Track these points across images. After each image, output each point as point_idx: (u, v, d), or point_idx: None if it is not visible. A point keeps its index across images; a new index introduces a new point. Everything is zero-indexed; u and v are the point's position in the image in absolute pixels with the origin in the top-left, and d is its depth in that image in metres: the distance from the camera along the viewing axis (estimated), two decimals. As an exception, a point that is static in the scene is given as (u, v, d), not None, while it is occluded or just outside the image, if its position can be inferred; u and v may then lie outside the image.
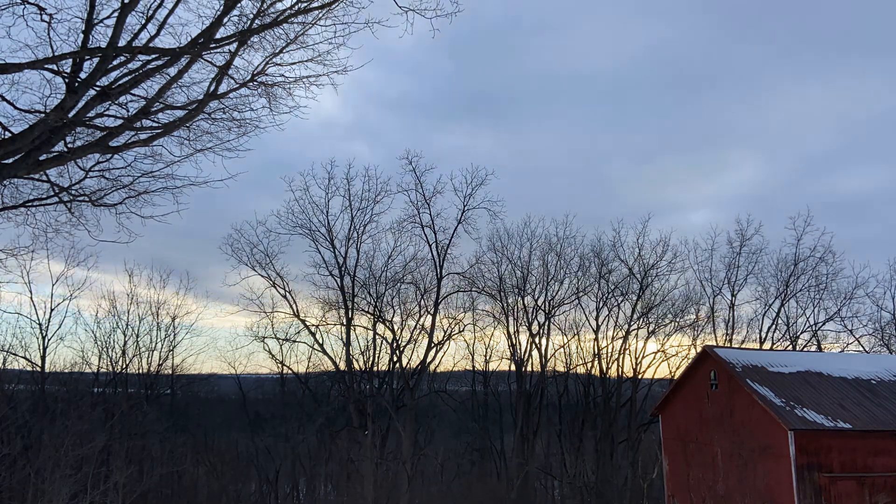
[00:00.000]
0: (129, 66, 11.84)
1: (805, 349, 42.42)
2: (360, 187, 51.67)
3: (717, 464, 27.59)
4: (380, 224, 44.93)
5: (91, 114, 11.90)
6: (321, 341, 43.48)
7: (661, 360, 46.22)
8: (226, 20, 11.80)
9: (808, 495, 23.44)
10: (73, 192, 13.30)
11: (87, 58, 11.17)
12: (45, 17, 10.81)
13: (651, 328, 45.23)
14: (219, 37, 11.96)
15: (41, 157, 11.86)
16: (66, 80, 11.11)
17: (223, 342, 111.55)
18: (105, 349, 44.19)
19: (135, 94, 12.19)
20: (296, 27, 12.29)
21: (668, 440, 31.55)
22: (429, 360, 43.59)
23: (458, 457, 51.28)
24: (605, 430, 44.18)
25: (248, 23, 11.99)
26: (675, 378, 34.97)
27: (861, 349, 43.85)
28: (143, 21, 11.58)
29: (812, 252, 43.15)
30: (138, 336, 45.04)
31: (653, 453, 41.28)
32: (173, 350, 46.95)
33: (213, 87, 12.54)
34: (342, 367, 43.01)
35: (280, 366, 47.56)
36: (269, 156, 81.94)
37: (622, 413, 45.32)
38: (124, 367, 44.35)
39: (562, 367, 47.12)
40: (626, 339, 45.08)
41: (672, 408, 31.36)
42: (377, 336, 43.85)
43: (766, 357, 29.54)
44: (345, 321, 42.59)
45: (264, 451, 49.29)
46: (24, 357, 40.32)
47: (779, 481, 24.11)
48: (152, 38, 11.76)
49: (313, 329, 43.16)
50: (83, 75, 11.18)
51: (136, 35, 11.63)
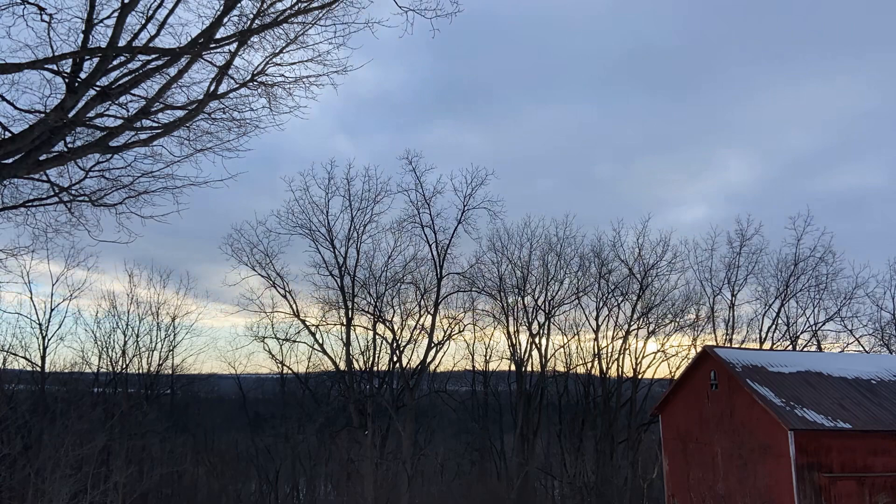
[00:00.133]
0: (129, 66, 11.85)
1: (805, 349, 42.41)
2: (360, 187, 51.60)
3: (717, 464, 27.59)
4: (380, 224, 44.92)
5: (91, 114, 11.91)
6: (321, 341, 43.55)
7: (661, 360, 46.26)
8: (226, 20, 11.82)
9: (808, 495, 23.43)
10: (73, 192, 13.32)
11: (87, 58, 11.18)
12: (45, 17, 10.81)
13: (651, 328, 45.27)
14: (219, 37, 11.97)
15: (41, 157, 11.86)
16: (66, 80, 11.11)
17: (223, 342, 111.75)
18: (105, 349, 44.28)
19: (135, 94, 12.20)
20: (296, 27, 12.32)
21: (668, 440, 31.55)
22: (429, 360, 43.64)
23: (458, 457, 51.28)
24: (605, 430, 44.17)
25: (248, 23, 12.00)
26: (675, 378, 34.96)
27: (861, 349, 43.86)
28: (143, 21, 11.60)
29: (812, 252, 43.19)
30: (138, 336, 45.14)
31: (653, 453, 41.27)
32: (173, 350, 47.07)
33: (213, 87, 12.55)
34: (342, 367, 43.03)
35: (280, 366, 47.68)
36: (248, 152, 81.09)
37: (622, 413, 45.31)
38: (124, 367, 44.39)
39: (562, 367, 47.18)
40: (626, 339, 45.09)
41: (672, 408, 31.36)
42: (377, 336, 43.92)
43: (766, 357, 29.53)
44: (345, 321, 42.62)
45: (264, 451, 49.31)
46: (24, 357, 40.37)
47: (779, 481, 24.10)
48: (152, 38, 11.76)
49: (313, 329, 43.22)
50: (83, 75, 11.18)
51: (136, 35, 11.64)
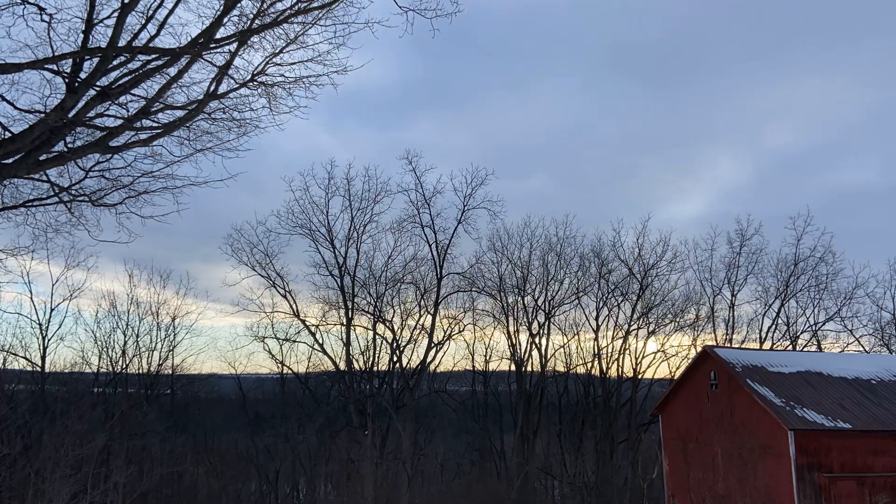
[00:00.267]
0: (129, 66, 11.84)
1: (805, 349, 42.40)
2: (360, 187, 51.59)
3: (717, 464, 27.59)
4: (380, 224, 44.92)
5: (91, 114, 11.90)
6: (321, 341, 43.59)
7: (661, 360, 46.27)
8: (226, 20, 11.81)
9: (808, 495, 23.42)
10: (73, 192, 13.32)
11: (87, 58, 11.17)
12: (45, 17, 10.81)
13: (651, 328, 45.29)
14: (219, 37, 11.96)
15: (41, 157, 11.86)
16: (66, 80, 11.10)
17: (223, 342, 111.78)
18: (105, 349, 44.30)
19: (135, 94, 12.19)
20: (296, 27, 12.31)
21: (668, 440, 31.54)
22: (429, 360, 43.66)
23: (458, 457, 51.29)
24: (605, 430, 44.16)
25: (248, 23, 11.99)
26: (675, 378, 34.96)
27: (861, 349, 43.84)
28: (143, 21, 11.59)
29: (812, 252, 43.21)
30: (138, 336, 45.16)
31: (653, 453, 41.27)
32: (173, 350, 47.11)
33: (213, 87, 12.54)
34: (342, 367, 43.04)
35: (280, 366, 47.70)
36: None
37: (622, 413, 45.30)
38: (124, 367, 44.40)
39: (562, 367, 47.20)
40: (626, 339, 45.09)
41: (672, 408, 31.35)
42: (377, 336, 43.94)
43: (766, 357, 29.51)
44: (345, 321, 42.65)
45: (264, 451, 49.29)
46: (24, 357, 40.39)
47: (779, 481, 24.10)
48: (152, 38, 11.75)
49: (313, 329, 43.25)
50: (83, 75, 11.18)
51: (136, 35, 11.63)
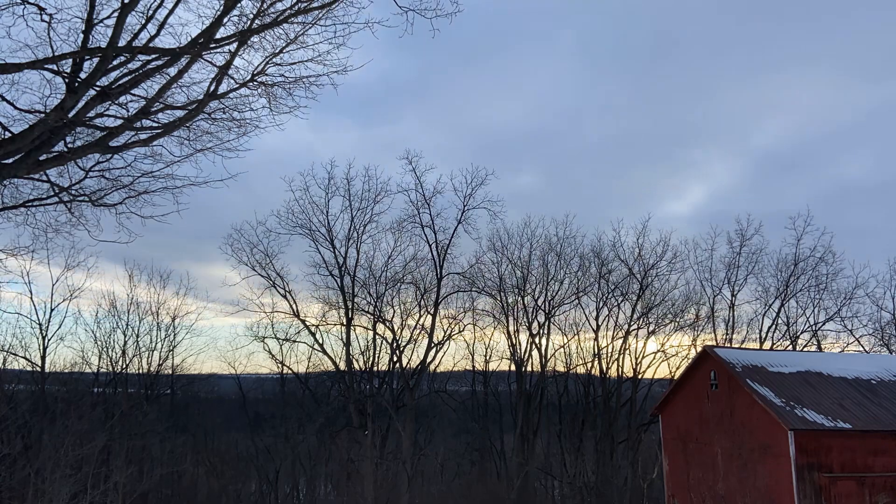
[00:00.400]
0: (129, 66, 11.83)
1: (805, 349, 42.41)
2: (360, 187, 51.63)
3: (717, 464, 27.59)
4: (380, 224, 44.95)
5: (91, 114, 11.89)
6: (321, 341, 43.59)
7: (661, 360, 46.28)
8: (226, 20, 11.80)
9: (808, 495, 23.42)
10: (73, 192, 13.31)
11: (87, 58, 11.16)
12: (45, 17, 10.80)
13: (651, 328, 45.31)
14: (219, 37, 11.95)
15: (41, 157, 11.85)
16: (66, 80, 11.10)
17: (223, 342, 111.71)
18: (105, 349, 44.28)
19: (135, 94, 12.19)
20: (296, 27, 12.30)
21: (668, 440, 31.54)
22: (429, 360, 43.67)
23: (458, 457, 51.27)
24: (605, 430, 44.16)
25: (248, 23, 11.98)
26: (675, 378, 34.96)
27: (861, 349, 43.84)
28: (143, 21, 11.58)
29: (812, 252, 43.23)
30: (138, 336, 45.15)
31: (653, 453, 41.27)
32: (173, 350, 47.08)
33: (213, 87, 12.53)
34: (342, 367, 43.04)
35: (280, 366, 47.68)
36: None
37: (622, 413, 45.31)
38: (124, 367, 44.39)
39: (562, 367, 47.20)
40: (626, 339, 45.11)
41: (672, 408, 31.35)
42: (377, 336, 43.95)
43: (766, 357, 29.52)
44: (345, 321, 42.65)
45: (264, 451, 49.30)
46: (24, 357, 40.32)
47: (779, 481, 24.10)
48: (152, 38, 11.75)
49: (313, 329, 43.26)
50: (83, 75, 11.17)
51: (136, 35, 11.62)
